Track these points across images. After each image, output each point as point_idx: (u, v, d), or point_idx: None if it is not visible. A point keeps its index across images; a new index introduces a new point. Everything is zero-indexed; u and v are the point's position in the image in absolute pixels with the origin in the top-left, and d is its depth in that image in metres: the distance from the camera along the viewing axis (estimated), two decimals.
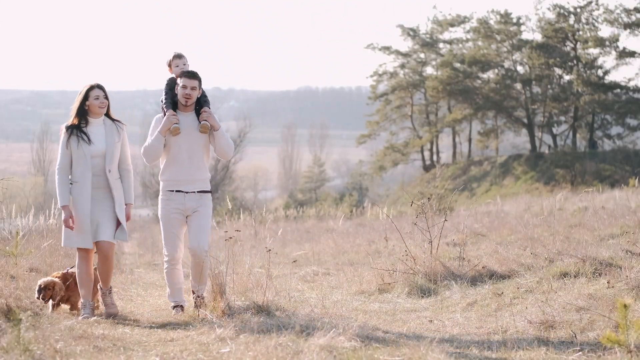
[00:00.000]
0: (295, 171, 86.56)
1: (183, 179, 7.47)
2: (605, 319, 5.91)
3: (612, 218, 12.36)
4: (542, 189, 44.39)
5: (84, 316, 7.13)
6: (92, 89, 7.45)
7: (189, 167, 7.48)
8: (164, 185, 7.59)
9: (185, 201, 7.47)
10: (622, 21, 50.11)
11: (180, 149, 7.48)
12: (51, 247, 10.47)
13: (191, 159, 7.49)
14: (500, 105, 53.21)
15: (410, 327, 6.55)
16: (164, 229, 7.53)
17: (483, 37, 54.92)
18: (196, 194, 7.50)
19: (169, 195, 7.52)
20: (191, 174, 7.49)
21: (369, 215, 23.13)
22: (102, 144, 7.38)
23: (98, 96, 7.42)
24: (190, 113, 7.58)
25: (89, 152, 7.31)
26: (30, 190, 42.93)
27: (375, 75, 60.45)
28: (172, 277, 7.57)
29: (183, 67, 7.71)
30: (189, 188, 7.48)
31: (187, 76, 7.50)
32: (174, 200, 7.48)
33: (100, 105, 7.41)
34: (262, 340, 5.78)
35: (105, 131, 7.45)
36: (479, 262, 8.88)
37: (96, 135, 7.40)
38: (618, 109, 50.04)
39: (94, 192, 7.34)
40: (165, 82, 7.73)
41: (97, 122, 7.45)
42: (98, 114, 7.44)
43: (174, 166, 7.51)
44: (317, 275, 10.16)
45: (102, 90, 7.47)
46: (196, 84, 7.51)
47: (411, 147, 58.87)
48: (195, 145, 7.52)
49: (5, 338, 5.36)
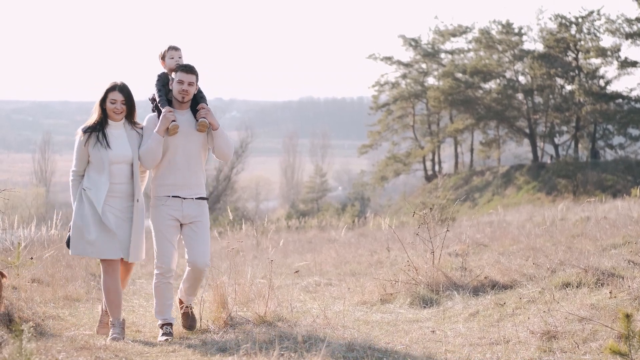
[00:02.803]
0: (297, 181, 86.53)
1: (180, 183, 6.89)
2: (607, 329, 5.90)
3: (614, 228, 12.34)
4: (544, 199, 44.38)
5: (113, 336, 6.60)
6: (111, 90, 6.81)
7: (187, 170, 6.92)
8: (157, 190, 6.95)
9: (183, 207, 6.88)
10: (623, 31, 50.18)
11: (176, 150, 6.90)
12: (53, 257, 10.46)
13: (189, 161, 6.92)
14: (502, 115, 53.25)
15: (412, 337, 6.54)
16: (158, 237, 6.91)
17: (485, 47, 55.03)
18: (194, 200, 6.93)
19: (163, 201, 6.89)
20: (189, 177, 6.92)
21: (371, 226, 23.11)
22: (123, 149, 6.77)
23: (115, 100, 6.77)
24: (186, 111, 6.98)
25: (107, 158, 6.69)
26: (32, 201, 42.89)
27: (377, 85, 60.59)
28: (163, 291, 6.93)
29: (178, 60, 7.11)
30: (187, 194, 6.90)
31: (184, 70, 6.89)
32: (170, 207, 6.87)
33: (115, 110, 6.78)
34: (264, 351, 5.78)
35: (128, 136, 6.84)
36: (481, 272, 8.87)
37: (117, 140, 6.79)
38: (620, 119, 50.06)
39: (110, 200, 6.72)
40: (157, 78, 7.11)
41: (117, 126, 6.84)
42: (115, 119, 6.82)
43: (169, 169, 6.91)
44: (319, 286, 10.14)
45: (122, 93, 6.80)
46: (194, 79, 6.91)
47: (413, 157, 58.91)
48: (193, 145, 6.95)
49: (7, 349, 5.35)
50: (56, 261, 10.57)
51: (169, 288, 6.95)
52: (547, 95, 52.50)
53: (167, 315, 6.95)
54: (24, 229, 12.70)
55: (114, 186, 6.73)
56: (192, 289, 7.06)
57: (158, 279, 6.94)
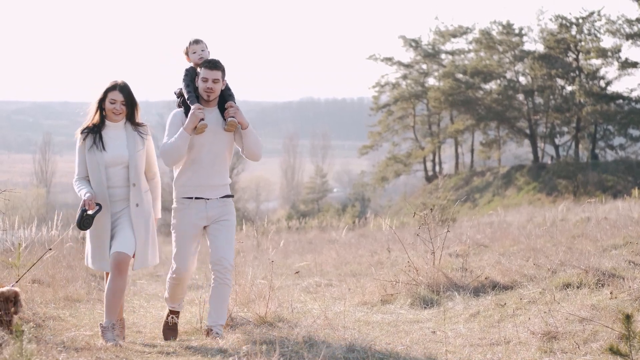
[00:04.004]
0: (297, 182, 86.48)
1: (204, 183, 6.57)
2: (608, 329, 5.90)
3: (614, 229, 12.33)
4: (545, 200, 44.38)
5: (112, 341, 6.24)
6: (111, 89, 6.47)
7: (211, 171, 6.58)
8: (180, 192, 6.63)
9: (207, 209, 6.58)
10: (624, 32, 50.20)
11: (201, 149, 6.56)
12: (54, 258, 10.46)
13: (214, 161, 6.59)
14: (502, 116, 53.28)
15: (413, 338, 6.54)
16: (178, 242, 6.63)
17: (485, 47, 55.06)
18: (218, 200, 6.62)
19: (187, 204, 6.59)
20: (213, 177, 6.59)
21: (372, 226, 23.10)
22: (120, 151, 6.45)
23: (115, 100, 6.45)
24: (213, 109, 6.64)
25: (102, 161, 6.38)
26: (32, 202, 42.94)
27: (378, 86, 60.61)
28: (175, 288, 6.81)
29: (202, 53, 6.76)
30: (211, 194, 6.59)
31: (208, 67, 6.53)
32: (193, 209, 6.57)
33: (114, 111, 6.45)
34: (265, 352, 5.77)
35: (127, 138, 6.50)
36: (482, 273, 8.87)
37: (114, 142, 6.46)
38: (620, 120, 50.09)
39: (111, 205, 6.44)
40: (184, 72, 6.76)
41: (117, 127, 6.51)
42: (114, 120, 6.50)
43: (193, 169, 6.58)
44: (319, 287, 10.14)
45: (122, 93, 6.46)
46: (219, 76, 6.54)
47: (413, 158, 58.93)
48: (220, 145, 6.62)
49: (7, 350, 5.35)
50: (57, 262, 10.56)
51: (182, 287, 6.83)
52: (547, 96, 52.52)
53: (174, 303, 6.91)
54: (24, 230, 12.69)
55: (111, 190, 6.43)
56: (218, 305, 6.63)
57: (172, 282, 6.80)
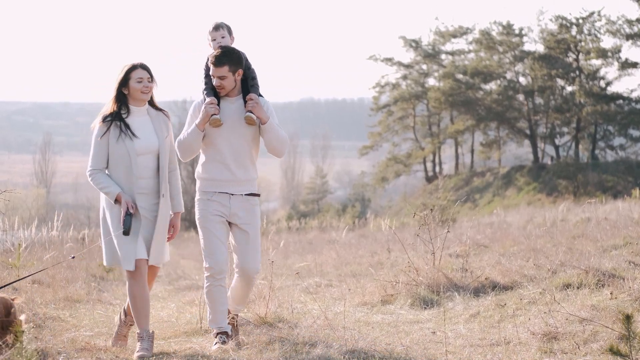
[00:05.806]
0: (297, 182, 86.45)
1: (227, 178, 6.20)
2: (608, 330, 5.89)
3: (615, 229, 12.33)
4: (545, 200, 44.39)
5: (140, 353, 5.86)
6: (134, 68, 6.02)
7: (234, 165, 6.21)
8: (202, 185, 6.27)
9: (231, 204, 6.20)
10: (624, 32, 50.22)
11: (223, 143, 6.19)
12: (54, 259, 10.46)
13: (236, 156, 6.21)
14: (502, 116, 53.31)
15: (413, 338, 6.53)
16: (205, 235, 6.18)
17: (485, 48, 55.09)
18: (243, 197, 6.24)
19: (209, 196, 6.21)
20: (236, 172, 6.21)
21: (372, 227, 23.12)
22: (149, 138, 6.05)
23: (142, 78, 6.01)
24: (236, 98, 6.22)
25: (132, 149, 5.95)
26: (32, 202, 42.94)
27: (378, 86, 60.64)
28: (216, 296, 6.17)
29: (221, 40, 6.25)
30: (235, 190, 6.22)
31: (213, 62, 6.07)
32: (216, 202, 6.19)
33: (143, 90, 6.01)
34: (265, 352, 5.77)
35: (153, 123, 6.13)
36: (482, 273, 8.87)
37: (141, 128, 6.06)
38: (620, 120, 50.13)
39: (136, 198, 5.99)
40: (207, 59, 6.27)
41: (140, 112, 6.10)
42: (141, 100, 6.07)
43: (215, 163, 6.22)
44: (319, 287, 10.14)
45: (146, 70, 6.05)
46: (224, 72, 6.07)
47: (413, 159, 58.97)
48: (241, 138, 6.22)
49: (7, 350, 5.35)
50: (57, 262, 10.56)
51: (221, 292, 6.18)
52: (547, 96, 52.55)
53: (222, 323, 6.22)
54: (24, 230, 12.70)
55: (140, 181, 6.01)
56: (241, 298, 6.46)
57: (209, 282, 6.17)
